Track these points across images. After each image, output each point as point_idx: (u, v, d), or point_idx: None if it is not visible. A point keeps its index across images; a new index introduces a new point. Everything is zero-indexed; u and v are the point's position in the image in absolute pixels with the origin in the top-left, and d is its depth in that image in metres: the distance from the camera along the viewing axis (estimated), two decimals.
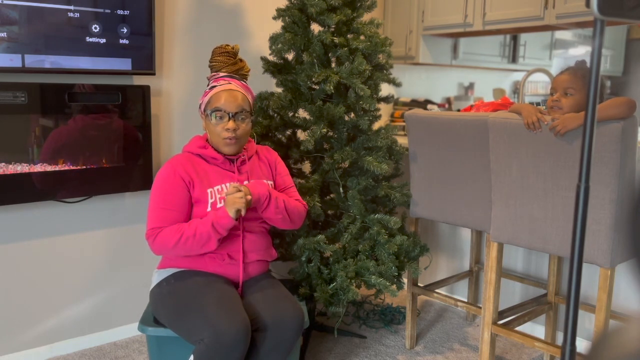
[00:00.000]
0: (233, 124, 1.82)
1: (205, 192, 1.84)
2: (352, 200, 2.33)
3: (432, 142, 2.32)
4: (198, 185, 1.84)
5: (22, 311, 2.36)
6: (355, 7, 2.42)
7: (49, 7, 2.14)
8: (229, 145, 1.85)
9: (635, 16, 0.99)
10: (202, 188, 1.84)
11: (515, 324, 2.19)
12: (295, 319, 1.76)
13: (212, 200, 1.84)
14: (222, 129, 1.83)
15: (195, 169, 1.86)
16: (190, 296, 1.74)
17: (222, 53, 1.92)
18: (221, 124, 1.83)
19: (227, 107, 1.82)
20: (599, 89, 1.07)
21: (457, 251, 3.08)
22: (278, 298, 1.81)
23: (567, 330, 1.15)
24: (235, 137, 1.84)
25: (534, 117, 1.86)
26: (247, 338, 1.65)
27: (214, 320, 1.63)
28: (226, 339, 1.60)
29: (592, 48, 1.05)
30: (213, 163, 1.90)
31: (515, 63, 4.43)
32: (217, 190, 1.86)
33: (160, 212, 1.81)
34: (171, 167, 1.85)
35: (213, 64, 1.93)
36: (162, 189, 1.83)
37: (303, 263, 2.30)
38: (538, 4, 2.94)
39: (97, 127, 2.33)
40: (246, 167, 1.95)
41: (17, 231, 2.31)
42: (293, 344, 1.78)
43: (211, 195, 1.85)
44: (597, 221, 1.81)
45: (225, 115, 1.83)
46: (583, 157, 1.09)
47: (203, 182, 1.85)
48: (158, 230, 1.80)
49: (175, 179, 1.82)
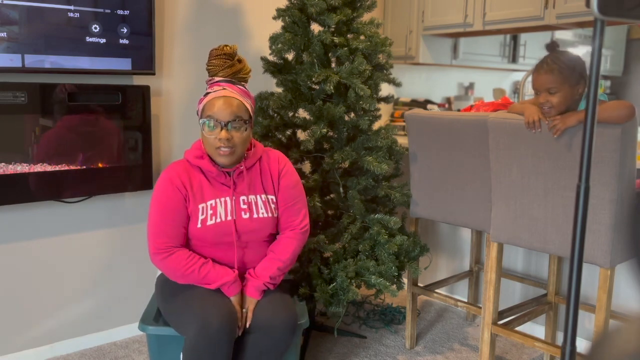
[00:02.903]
0: (225, 133, 1.70)
1: (197, 208, 1.77)
2: (352, 200, 2.33)
3: (432, 142, 2.32)
4: (192, 199, 1.77)
5: (22, 311, 2.36)
6: (355, 7, 2.42)
7: (49, 7, 2.14)
8: (222, 155, 1.73)
9: (635, 16, 0.99)
10: (194, 203, 1.77)
11: (515, 324, 2.19)
12: (286, 321, 1.73)
13: (202, 217, 1.77)
14: (214, 139, 1.72)
15: (190, 181, 1.78)
16: (183, 290, 1.77)
17: (219, 55, 1.80)
18: (214, 134, 1.71)
19: (220, 116, 1.70)
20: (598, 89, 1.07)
21: (457, 251, 3.08)
22: (271, 300, 1.79)
23: (567, 330, 1.15)
24: (229, 147, 1.72)
25: (535, 117, 1.85)
26: (232, 329, 1.65)
27: (200, 312, 1.64)
28: (211, 330, 1.60)
29: (592, 48, 1.05)
30: (209, 176, 1.81)
31: (515, 63, 4.43)
32: (210, 205, 1.78)
33: (161, 226, 1.76)
34: (168, 177, 1.78)
35: (209, 67, 1.82)
36: (160, 202, 1.77)
37: (303, 263, 2.31)
38: (538, 4, 2.94)
39: (97, 127, 2.33)
40: (244, 181, 1.83)
41: (17, 231, 2.31)
42: (286, 346, 1.76)
43: (202, 211, 1.77)
44: (597, 221, 1.81)
45: (218, 125, 1.71)
46: (583, 157, 1.09)
47: (196, 197, 1.78)
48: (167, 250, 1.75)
49: (173, 191, 1.76)
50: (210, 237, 1.79)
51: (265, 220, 1.84)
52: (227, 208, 1.79)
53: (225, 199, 1.80)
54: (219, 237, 1.79)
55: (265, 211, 1.84)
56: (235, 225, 1.80)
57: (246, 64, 1.86)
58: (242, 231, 1.81)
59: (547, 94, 1.81)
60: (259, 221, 1.83)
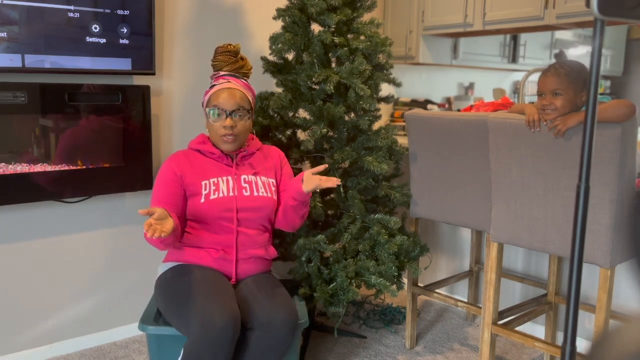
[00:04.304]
0: (230, 121, 1.88)
1: (199, 184, 1.90)
2: (352, 200, 2.33)
3: (432, 142, 2.32)
4: (189, 177, 1.90)
5: (22, 311, 2.36)
6: (355, 7, 2.42)
7: (49, 7, 2.14)
8: (226, 142, 1.91)
9: (635, 16, 0.99)
10: (195, 180, 1.91)
11: (515, 324, 2.19)
12: (287, 319, 1.74)
13: (205, 192, 1.90)
14: (219, 127, 1.89)
15: (190, 162, 1.94)
16: (184, 289, 1.77)
17: (224, 52, 1.98)
18: (219, 122, 1.89)
19: (225, 105, 1.88)
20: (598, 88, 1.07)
21: (457, 251, 3.08)
22: (272, 298, 1.80)
23: (567, 330, 1.15)
24: (233, 134, 1.89)
25: (536, 116, 1.87)
26: (235, 329, 1.65)
27: (201, 312, 1.64)
28: (213, 330, 1.61)
29: (592, 48, 1.05)
30: (210, 157, 1.97)
31: (515, 63, 4.43)
32: (212, 182, 1.91)
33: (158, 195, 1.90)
34: (167, 162, 1.94)
35: (215, 62, 2.00)
36: (157, 183, 1.92)
37: (303, 263, 2.31)
38: (538, 4, 2.94)
39: (97, 127, 2.33)
40: (246, 162, 2.00)
41: (17, 231, 2.31)
42: (287, 344, 1.76)
43: (205, 187, 1.91)
44: (597, 221, 1.81)
45: (223, 113, 1.89)
46: (583, 157, 1.09)
47: (197, 174, 1.92)
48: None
49: (169, 174, 1.91)
50: (213, 212, 1.89)
51: (265, 199, 1.97)
52: (229, 185, 1.94)
53: (227, 178, 1.95)
54: (221, 211, 1.89)
55: (265, 191, 1.98)
56: (236, 201, 1.92)
57: (248, 61, 2.04)
58: (242, 207, 1.92)
59: (551, 96, 1.82)
60: (259, 199, 1.95)
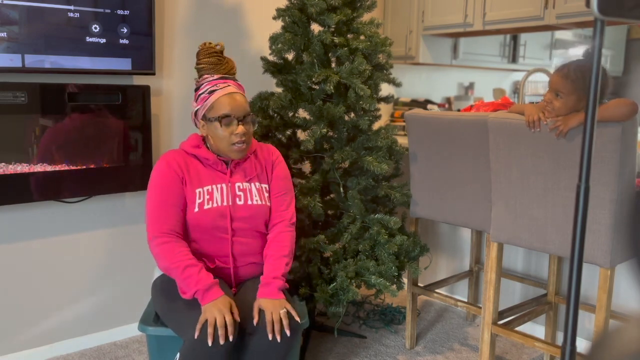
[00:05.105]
0: (243, 128, 1.78)
1: (194, 192, 1.81)
2: (352, 200, 2.33)
3: (432, 142, 2.32)
4: (189, 182, 1.81)
5: (22, 311, 2.36)
6: (355, 7, 2.42)
7: (49, 7, 2.14)
8: (240, 151, 1.81)
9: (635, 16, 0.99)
10: (191, 186, 1.81)
11: (515, 324, 2.19)
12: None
13: (199, 201, 1.80)
14: (230, 134, 1.78)
15: (187, 166, 1.83)
16: (178, 294, 1.74)
17: (211, 54, 1.83)
18: (229, 130, 1.78)
19: (235, 113, 1.77)
20: (599, 89, 1.07)
21: (457, 251, 3.08)
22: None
23: (567, 330, 1.15)
24: (245, 141, 1.80)
25: (536, 116, 1.87)
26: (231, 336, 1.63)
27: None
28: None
29: (592, 48, 1.05)
30: (206, 164, 1.86)
31: (515, 63, 4.43)
32: (206, 190, 1.82)
33: (160, 209, 1.77)
34: (165, 162, 1.81)
35: (202, 66, 1.84)
36: (158, 185, 1.79)
37: (303, 263, 2.31)
38: (538, 4, 2.94)
39: (97, 127, 2.33)
40: (240, 168, 1.89)
41: (17, 231, 2.31)
42: (288, 347, 1.73)
43: (199, 195, 1.81)
44: (597, 221, 1.81)
45: (234, 120, 1.78)
46: (583, 157, 1.09)
47: (193, 181, 1.81)
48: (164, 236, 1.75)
49: (171, 174, 1.79)
50: (207, 222, 1.80)
51: (259, 207, 1.88)
52: (223, 194, 1.84)
53: (221, 185, 1.85)
54: (215, 221, 1.81)
55: (259, 199, 1.89)
56: (230, 211, 1.83)
57: (231, 60, 1.91)
58: (236, 217, 1.84)
59: (553, 95, 1.83)
60: (253, 208, 1.87)
